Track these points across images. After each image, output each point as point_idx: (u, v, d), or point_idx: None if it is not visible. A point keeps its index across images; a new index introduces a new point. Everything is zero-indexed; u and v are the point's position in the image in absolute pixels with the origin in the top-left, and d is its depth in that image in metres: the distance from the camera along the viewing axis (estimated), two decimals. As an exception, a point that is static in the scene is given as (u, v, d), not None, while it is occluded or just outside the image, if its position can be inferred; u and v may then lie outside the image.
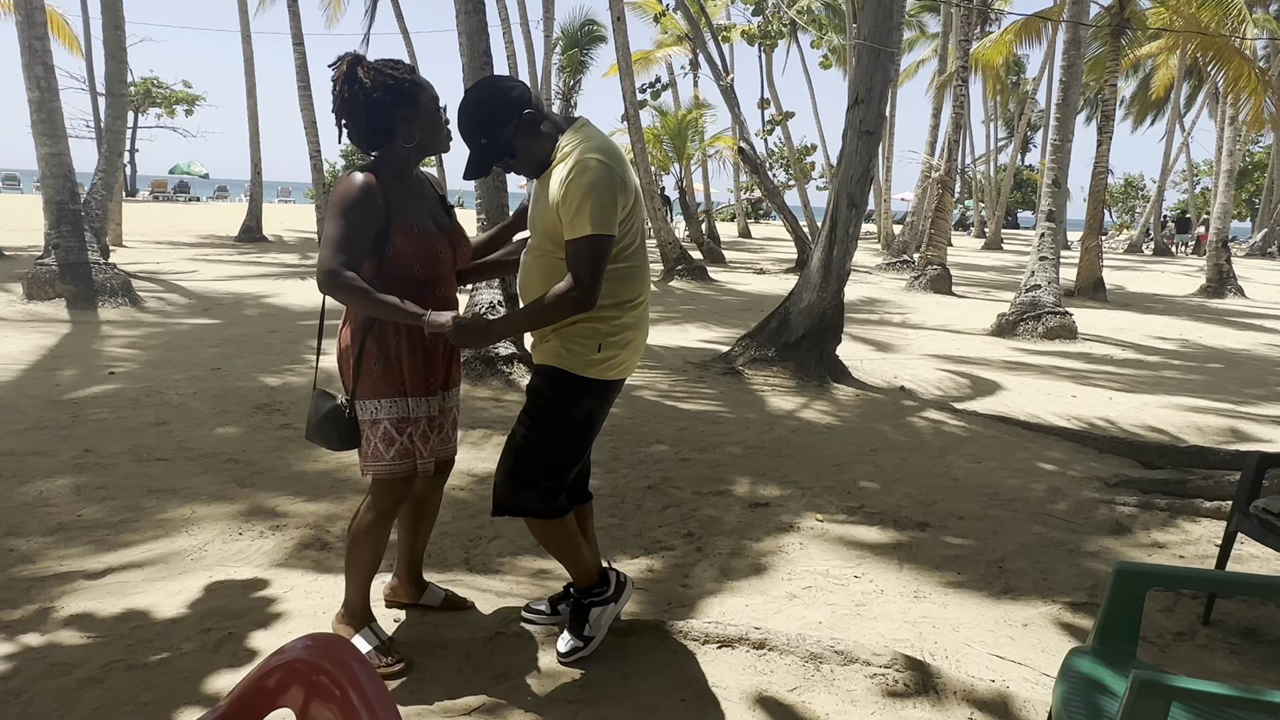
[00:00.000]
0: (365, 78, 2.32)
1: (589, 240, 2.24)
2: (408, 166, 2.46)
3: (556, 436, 2.44)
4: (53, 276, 9.04)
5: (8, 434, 4.65)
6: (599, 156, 2.27)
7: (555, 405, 2.42)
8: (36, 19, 9.01)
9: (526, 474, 2.43)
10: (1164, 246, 32.08)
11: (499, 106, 2.34)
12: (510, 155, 2.38)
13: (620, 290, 2.39)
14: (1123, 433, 5.86)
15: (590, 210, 2.22)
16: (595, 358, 2.39)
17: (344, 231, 2.28)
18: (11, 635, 2.60)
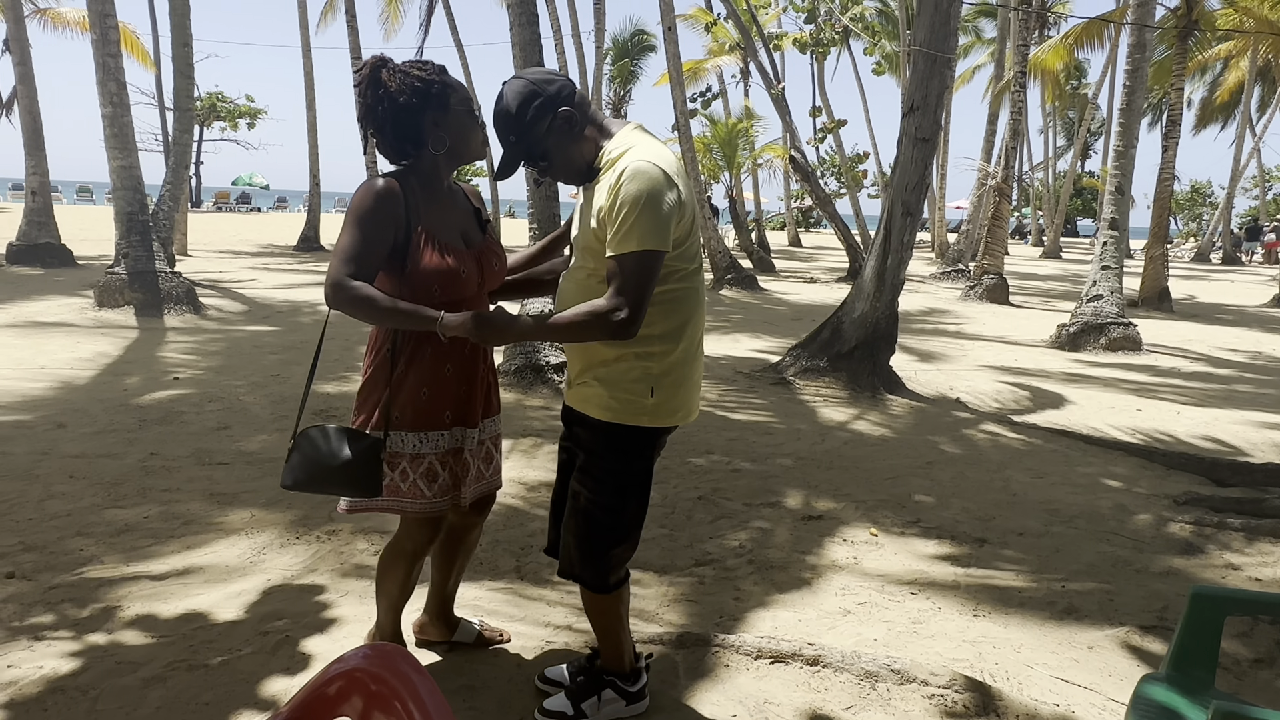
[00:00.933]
0: (390, 81, 2.14)
1: (636, 256, 1.94)
2: (437, 176, 2.25)
3: (623, 498, 2.17)
4: (122, 285, 9.36)
5: (79, 437, 4.82)
6: (653, 162, 1.98)
7: (614, 465, 2.14)
8: (110, 37, 9.38)
9: (597, 542, 2.18)
10: (1233, 255, 30.95)
11: (531, 101, 2.04)
12: (542, 158, 2.10)
13: (671, 318, 2.09)
14: (1191, 449, 5.65)
15: (640, 222, 1.93)
16: (649, 403, 2.09)
17: (356, 241, 2.08)
18: (80, 634, 2.68)
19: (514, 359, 6.62)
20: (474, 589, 3.12)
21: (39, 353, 7.18)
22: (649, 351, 2.08)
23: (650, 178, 1.95)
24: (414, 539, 2.33)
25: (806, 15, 17.53)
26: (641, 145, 2.05)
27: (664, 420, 2.13)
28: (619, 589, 2.25)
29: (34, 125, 13.50)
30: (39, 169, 13.62)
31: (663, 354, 2.08)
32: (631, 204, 1.94)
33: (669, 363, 2.10)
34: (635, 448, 2.15)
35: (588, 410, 2.14)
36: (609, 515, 2.16)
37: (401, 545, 2.36)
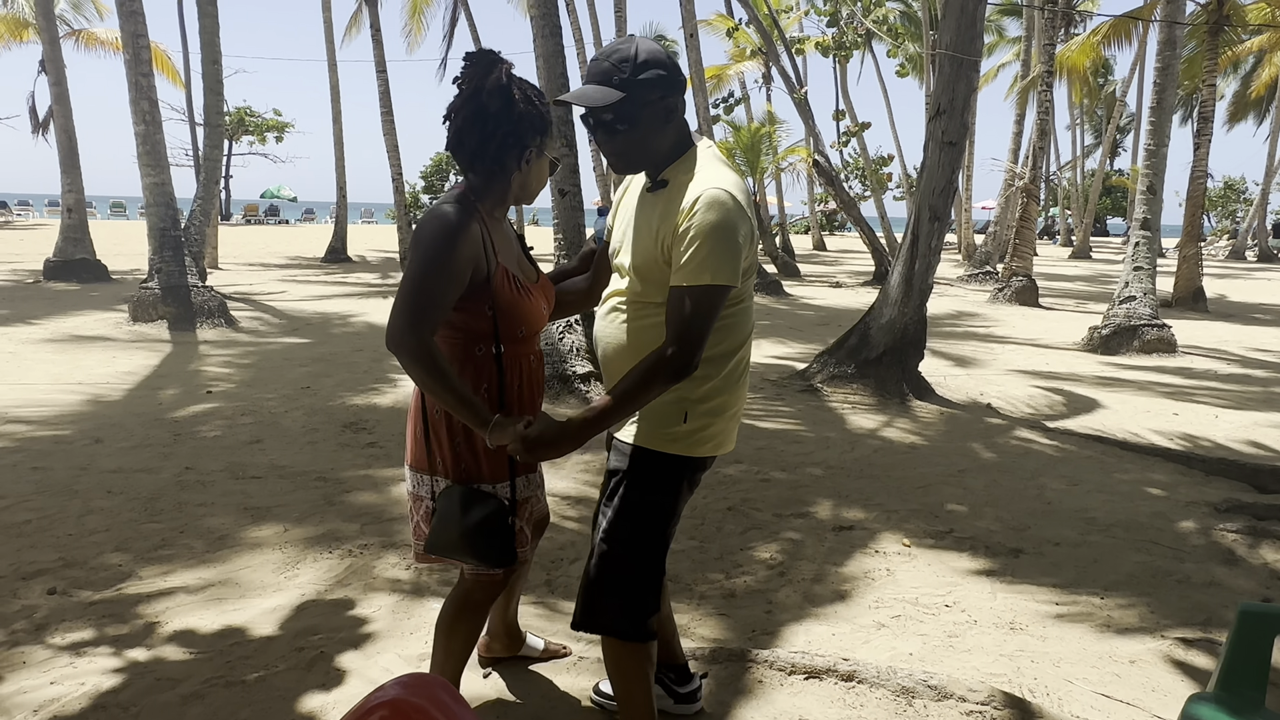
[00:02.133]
0: (520, 101, 2.01)
1: (705, 291, 1.81)
2: (504, 205, 2.11)
3: (641, 530, 1.98)
4: (155, 299, 9.52)
5: (116, 451, 4.90)
6: (732, 191, 1.84)
7: (639, 494, 1.98)
8: (143, 57, 9.56)
9: (611, 579, 2.00)
10: (1269, 252, 30.36)
11: (657, 68, 1.87)
12: (628, 122, 1.89)
13: (722, 342, 1.95)
14: (1232, 454, 5.53)
15: (714, 255, 1.80)
16: (680, 429, 1.94)
17: (435, 280, 1.89)
18: (120, 650, 2.72)
19: (541, 369, 6.63)
20: (502, 603, 3.12)
21: (76, 367, 7.31)
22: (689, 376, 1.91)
23: (727, 209, 1.82)
24: (481, 594, 2.18)
25: (829, 19, 17.47)
26: (715, 170, 1.91)
27: (695, 449, 1.98)
28: (645, 640, 2.02)
29: (69, 144, 13.79)
30: (74, 186, 13.90)
31: (701, 378, 1.93)
32: (706, 235, 1.81)
33: (707, 389, 1.95)
34: (661, 477, 1.98)
35: (619, 434, 2.03)
36: (625, 549, 1.99)
37: (473, 597, 2.18)
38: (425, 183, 44.77)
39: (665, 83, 1.89)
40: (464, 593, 2.19)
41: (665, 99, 1.90)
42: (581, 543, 3.67)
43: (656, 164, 1.97)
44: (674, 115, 1.93)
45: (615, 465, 2.02)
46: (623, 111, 1.88)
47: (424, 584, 3.27)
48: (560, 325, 6.77)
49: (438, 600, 3.14)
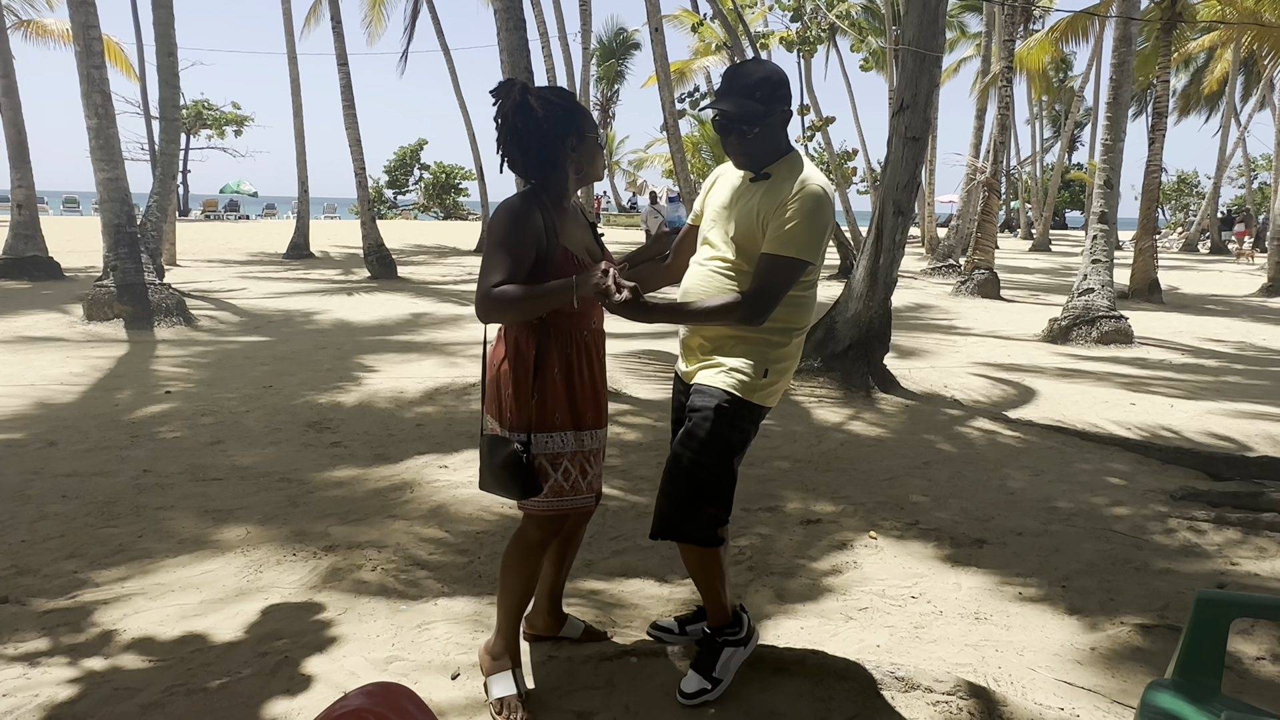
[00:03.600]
0: (539, 108, 2.31)
1: (789, 263, 2.28)
2: (566, 195, 2.43)
3: (724, 461, 2.39)
4: (111, 298, 9.29)
5: (70, 455, 4.78)
6: (826, 189, 2.32)
7: (722, 429, 2.37)
8: (94, 49, 9.31)
9: (696, 499, 2.38)
10: (1221, 245, 31.15)
11: (781, 88, 2.39)
12: (753, 125, 2.36)
13: (794, 318, 2.42)
14: (1186, 442, 5.67)
15: (804, 234, 2.27)
16: (761, 382, 2.39)
17: (502, 257, 2.23)
18: (76, 659, 2.65)
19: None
20: (471, 603, 3.10)
21: (28, 368, 7.12)
22: (771, 340, 2.40)
23: (823, 201, 2.30)
24: (537, 534, 2.43)
25: (792, 13, 17.54)
26: (813, 170, 2.37)
27: (768, 399, 2.43)
28: (722, 543, 2.45)
29: (19, 138, 13.40)
30: (24, 181, 13.52)
31: (780, 344, 2.42)
32: (803, 217, 2.27)
33: (783, 353, 2.43)
34: (742, 419, 2.40)
35: (709, 382, 2.40)
36: (711, 475, 2.38)
37: (529, 537, 2.43)
38: (389, 177, 44.20)
39: (788, 100, 2.40)
40: (520, 531, 2.46)
41: (786, 111, 2.41)
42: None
43: (760, 158, 2.42)
44: (785, 123, 2.43)
45: (702, 404, 2.39)
46: (754, 119, 2.36)
47: (389, 586, 3.24)
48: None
49: (404, 601, 3.10)
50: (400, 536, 3.71)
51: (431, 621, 2.94)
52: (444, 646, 2.78)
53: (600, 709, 2.45)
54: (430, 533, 3.76)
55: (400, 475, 4.56)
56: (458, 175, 43.04)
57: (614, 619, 3.01)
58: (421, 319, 10.86)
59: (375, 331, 9.75)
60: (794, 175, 2.34)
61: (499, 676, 2.44)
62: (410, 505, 4.11)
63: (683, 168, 15.32)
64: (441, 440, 5.25)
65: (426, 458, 4.87)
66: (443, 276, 16.56)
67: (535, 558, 2.45)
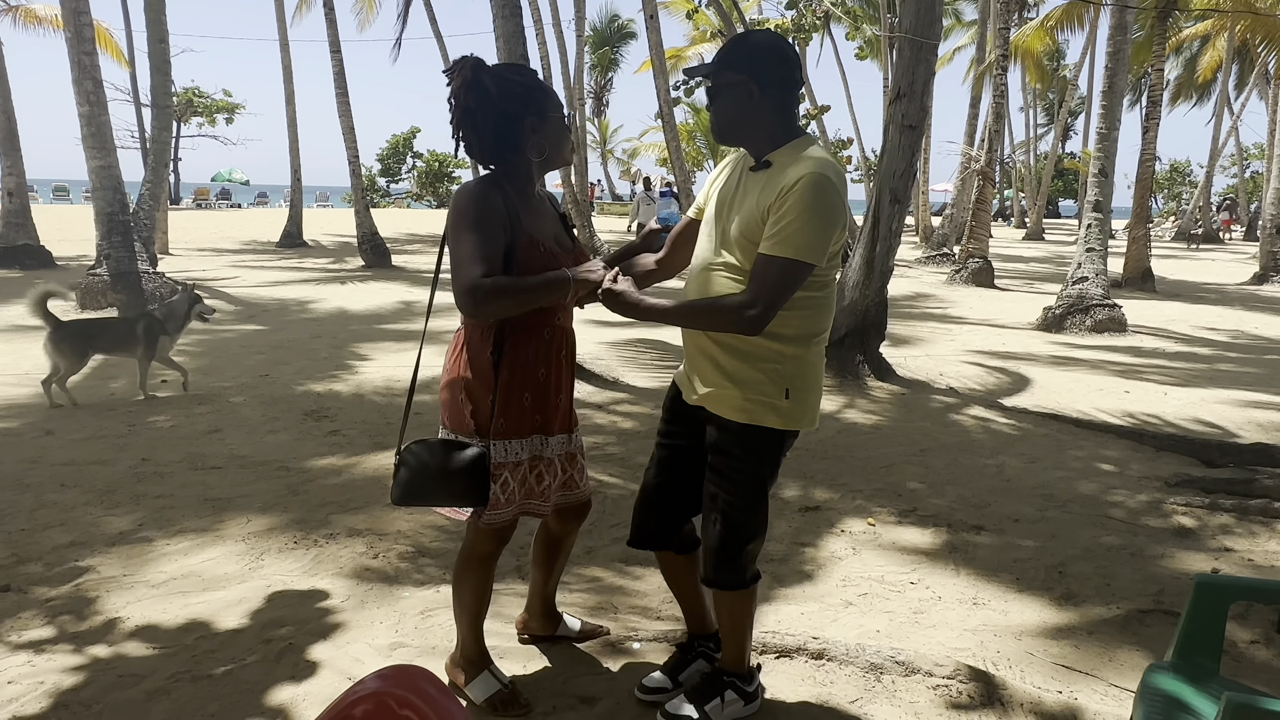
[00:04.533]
0: (492, 86, 2.12)
1: (787, 264, 1.97)
2: (530, 181, 2.24)
3: (756, 497, 2.20)
4: (105, 286, 9.26)
5: (68, 443, 4.77)
6: (832, 177, 1.99)
7: (749, 466, 2.16)
8: (85, 35, 9.23)
9: (736, 542, 2.20)
10: (1214, 233, 31.27)
11: (776, 62, 2.08)
12: (716, 101, 2.15)
13: (809, 324, 2.12)
14: (1180, 429, 5.71)
15: (803, 232, 1.96)
16: (784, 405, 2.11)
17: (477, 243, 2.04)
18: (81, 647, 2.66)
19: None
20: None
21: (22, 357, 7.09)
22: (782, 353, 2.09)
23: (827, 189, 1.97)
24: (483, 546, 2.30)
25: (788, 1, 17.48)
26: (818, 157, 2.04)
27: (795, 423, 2.15)
28: (754, 584, 2.30)
29: (9, 125, 13.29)
30: (15, 169, 13.41)
31: (795, 357, 2.11)
32: (800, 213, 1.96)
33: (801, 364, 2.12)
34: (768, 449, 2.16)
35: (721, 412, 2.15)
36: (745, 515, 2.20)
37: (473, 550, 2.32)
38: (382, 165, 43.97)
39: (779, 73, 2.07)
40: (469, 546, 2.32)
41: (782, 90, 2.08)
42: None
43: (756, 146, 2.13)
44: (788, 104, 2.11)
45: (722, 443, 2.17)
46: (711, 90, 2.12)
47: (391, 573, 3.25)
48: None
49: (406, 588, 3.12)
50: (401, 524, 3.72)
51: (434, 608, 2.95)
52: (447, 633, 2.79)
53: (604, 694, 2.47)
54: (431, 520, 3.77)
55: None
56: (451, 163, 42.86)
57: (615, 604, 3.03)
58: (416, 307, 10.84)
59: (370, 320, 9.73)
60: (796, 163, 2.02)
61: (478, 680, 2.37)
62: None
63: (677, 156, 15.29)
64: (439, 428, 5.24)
65: (425, 446, 4.87)
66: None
67: (486, 569, 2.34)
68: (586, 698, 2.46)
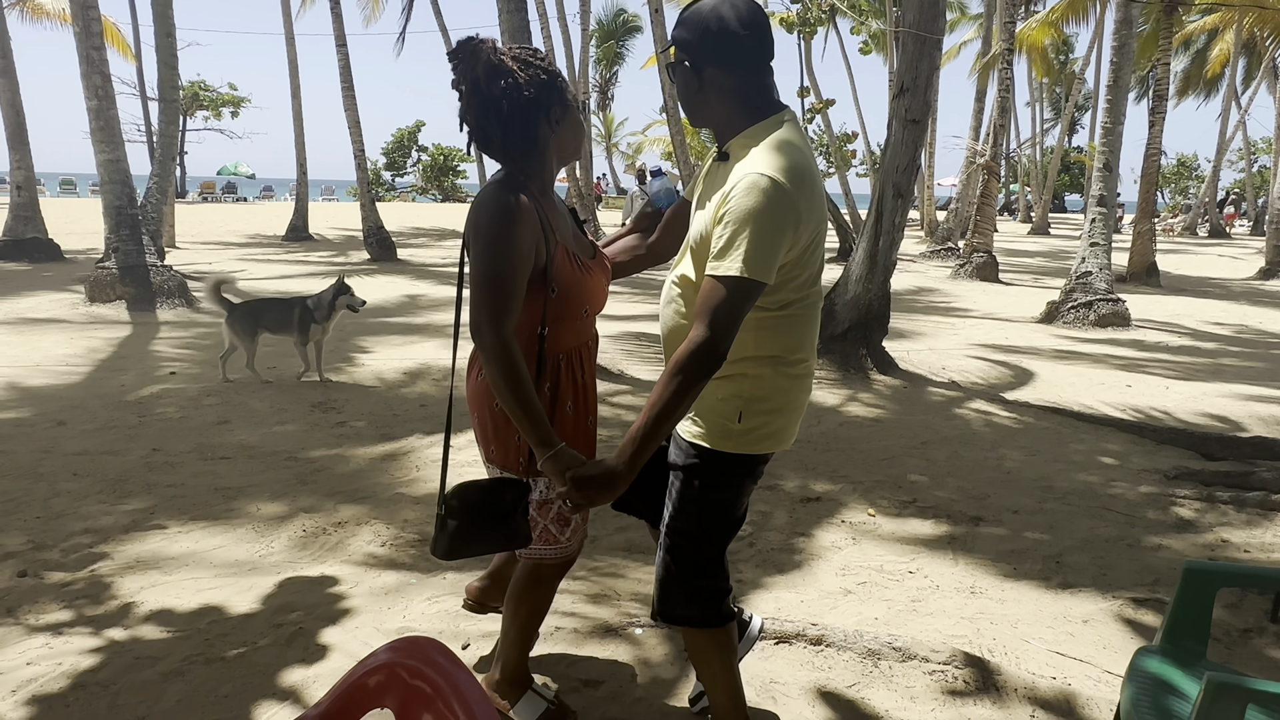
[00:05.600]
0: (518, 70, 1.88)
1: (732, 284, 1.67)
2: (552, 178, 2.04)
3: (704, 525, 1.95)
4: (113, 279, 9.33)
5: (79, 434, 4.84)
6: (774, 177, 1.67)
7: (695, 492, 1.92)
8: (93, 29, 9.28)
9: (681, 573, 1.98)
10: (1220, 228, 31.17)
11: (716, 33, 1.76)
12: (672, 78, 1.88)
13: (773, 342, 1.84)
14: (1181, 423, 5.74)
15: (746, 246, 1.66)
16: (735, 428, 1.86)
17: (504, 271, 1.80)
18: (96, 630, 2.73)
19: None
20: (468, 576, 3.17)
21: (33, 349, 7.16)
22: (741, 374, 1.84)
23: (765, 195, 1.66)
24: (548, 584, 2.19)
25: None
26: (768, 151, 1.74)
27: (752, 448, 1.89)
28: (718, 626, 2.02)
29: (17, 119, 13.37)
30: (23, 163, 13.49)
31: (756, 378, 1.85)
32: (739, 223, 1.67)
33: (762, 387, 1.86)
34: (719, 474, 1.91)
35: (679, 430, 1.95)
36: (692, 544, 1.96)
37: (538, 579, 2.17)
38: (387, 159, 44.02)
39: (690, 46, 1.79)
40: (532, 576, 2.16)
41: (683, 65, 1.81)
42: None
43: (717, 129, 1.87)
44: (697, 83, 1.81)
45: (674, 459, 1.96)
46: (671, 66, 1.87)
47: (398, 560, 3.31)
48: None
49: (413, 575, 3.18)
50: (407, 513, 3.78)
51: (441, 594, 3.01)
52: (453, 618, 2.85)
53: (606, 677, 2.52)
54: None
55: (405, 454, 4.63)
56: (456, 157, 42.90)
57: (616, 591, 3.09)
58: (420, 301, 10.90)
59: (376, 313, 9.78)
60: (746, 159, 1.73)
61: (523, 702, 2.25)
62: (416, 482, 4.18)
63: (682, 150, 15.32)
64: (445, 420, 5.30)
65: (431, 437, 4.93)
66: (442, 259, 16.57)
67: (548, 597, 2.23)
68: (590, 681, 2.51)
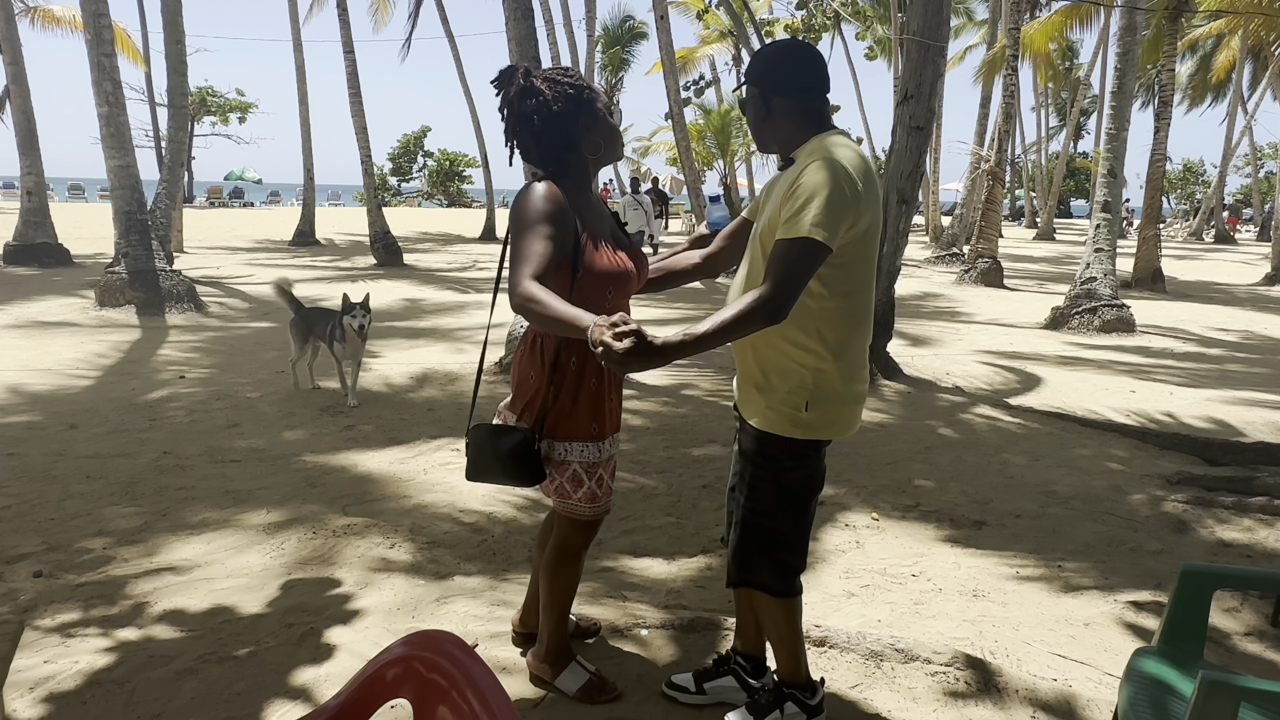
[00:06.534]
0: (546, 89, 2.20)
1: (802, 243, 1.91)
2: (588, 179, 2.32)
3: (779, 505, 2.18)
4: (123, 284, 9.41)
5: (92, 437, 4.89)
6: (843, 163, 1.99)
7: (766, 471, 2.16)
8: (104, 37, 9.38)
9: (756, 547, 2.21)
10: (1226, 234, 31.11)
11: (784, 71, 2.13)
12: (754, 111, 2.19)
13: (832, 334, 2.06)
14: (1185, 428, 5.76)
15: (814, 211, 1.92)
16: (803, 417, 2.09)
17: (534, 245, 2.06)
18: (110, 630, 2.77)
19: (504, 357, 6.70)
20: (487, 580, 3.21)
21: (44, 353, 7.23)
22: (806, 364, 2.07)
23: (832, 172, 1.96)
24: (571, 541, 2.40)
25: (798, 1, 17.54)
26: (834, 146, 2.05)
27: (815, 434, 2.12)
28: (791, 597, 2.25)
29: (28, 125, 13.48)
30: (34, 169, 13.60)
31: (818, 371, 2.07)
32: (809, 193, 1.95)
33: (828, 378, 2.08)
34: (788, 458, 2.14)
35: (747, 416, 2.19)
36: (765, 520, 2.19)
37: (573, 544, 2.40)
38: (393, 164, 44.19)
39: (793, 82, 2.13)
40: (560, 539, 2.40)
41: (801, 96, 2.13)
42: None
43: (783, 149, 2.18)
44: (768, 109, 2.15)
45: (746, 447, 2.21)
46: (744, 103, 2.22)
47: (407, 563, 3.35)
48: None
49: (421, 578, 3.22)
50: (415, 516, 3.82)
51: (449, 596, 3.05)
52: (461, 619, 2.89)
53: (613, 677, 2.55)
54: (445, 512, 3.88)
55: (413, 457, 4.68)
56: (461, 162, 43.05)
57: (624, 593, 3.13)
58: (425, 305, 10.96)
59: (383, 318, 9.84)
60: (813, 153, 2.04)
61: (567, 673, 2.46)
62: (424, 486, 4.22)
63: (687, 156, 15.38)
64: (452, 424, 5.35)
65: (439, 441, 4.98)
66: (448, 264, 16.65)
67: (577, 563, 2.43)
68: (596, 681, 2.55)
